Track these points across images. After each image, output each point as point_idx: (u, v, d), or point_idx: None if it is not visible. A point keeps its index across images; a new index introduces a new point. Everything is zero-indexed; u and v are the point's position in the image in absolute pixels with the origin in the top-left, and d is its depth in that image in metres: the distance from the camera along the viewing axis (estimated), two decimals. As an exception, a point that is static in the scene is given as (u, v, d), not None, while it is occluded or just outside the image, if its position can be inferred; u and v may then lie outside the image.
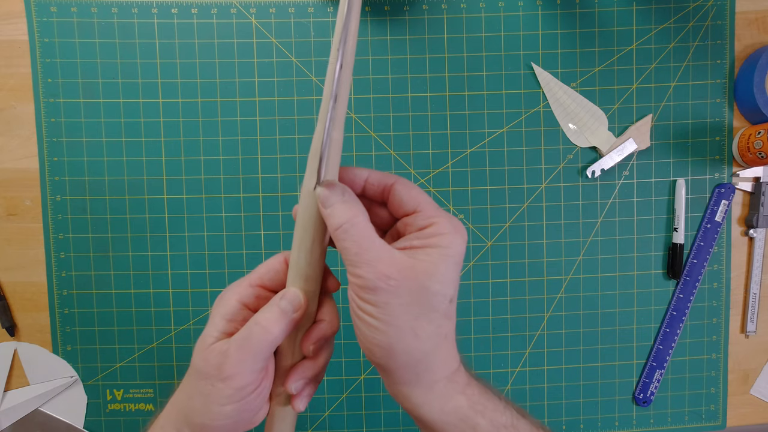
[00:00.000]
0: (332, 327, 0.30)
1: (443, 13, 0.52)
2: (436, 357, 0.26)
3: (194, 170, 0.51)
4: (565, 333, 0.54)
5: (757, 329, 0.55)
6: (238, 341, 0.26)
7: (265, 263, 0.30)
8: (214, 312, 0.28)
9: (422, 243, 0.26)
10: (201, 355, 0.27)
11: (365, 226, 0.25)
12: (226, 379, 0.26)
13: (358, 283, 0.25)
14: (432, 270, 0.25)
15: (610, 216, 0.53)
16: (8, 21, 0.50)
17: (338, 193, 0.26)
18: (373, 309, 0.25)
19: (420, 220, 0.27)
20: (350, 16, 0.25)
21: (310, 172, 0.27)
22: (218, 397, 0.26)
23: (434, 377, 0.26)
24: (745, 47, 0.53)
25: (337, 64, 0.26)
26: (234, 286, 0.29)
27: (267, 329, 0.26)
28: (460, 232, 0.26)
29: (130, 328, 0.52)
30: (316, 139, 0.26)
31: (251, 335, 0.26)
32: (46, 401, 0.53)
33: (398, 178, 0.28)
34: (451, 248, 0.25)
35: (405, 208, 0.27)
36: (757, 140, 0.50)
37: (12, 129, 0.51)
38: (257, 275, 0.29)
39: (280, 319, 0.27)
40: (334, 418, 0.54)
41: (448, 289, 0.25)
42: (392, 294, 0.24)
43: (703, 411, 0.55)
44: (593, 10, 0.52)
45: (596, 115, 0.52)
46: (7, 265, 0.52)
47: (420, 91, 0.52)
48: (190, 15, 0.50)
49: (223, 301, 0.28)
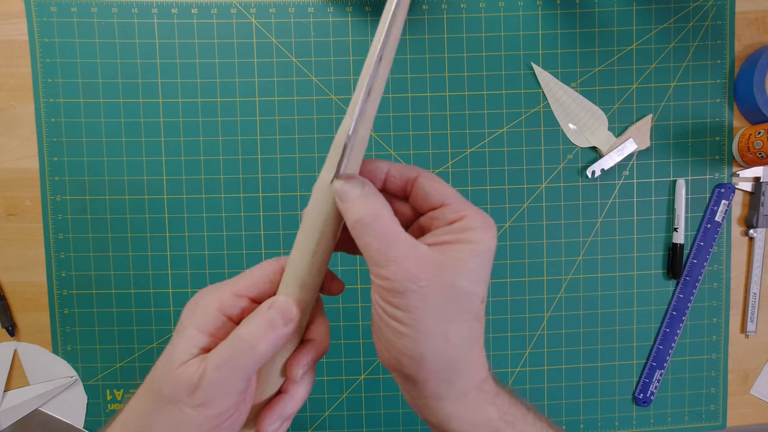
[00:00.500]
0: (325, 345, 0.26)
1: (443, 13, 0.52)
2: (467, 363, 0.24)
3: (194, 170, 0.51)
4: (565, 333, 0.54)
5: (757, 329, 0.55)
6: (217, 360, 0.22)
7: (256, 270, 0.25)
8: (185, 321, 0.24)
9: (453, 238, 0.23)
10: (168, 376, 0.23)
11: (389, 219, 0.23)
12: (200, 406, 0.22)
13: (384, 285, 0.22)
14: (464, 267, 0.22)
15: (610, 216, 0.53)
16: (8, 21, 0.50)
17: (358, 185, 0.23)
18: (401, 314, 0.22)
19: (448, 214, 0.24)
20: (398, 8, 0.23)
21: (328, 166, 0.24)
22: (188, 426, 0.22)
23: (465, 386, 0.24)
24: (745, 47, 0.53)
25: (375, 56, 0.23)
26: (213, 292, 0.24)
27: (252, 345, 0.22)
28: (490, 227, 0.24)
29: (130, 328, 0.52)
30: (341, 133, 0.24)
31: (234, 353, 0.22)
32: (46, 401, 0.53)
33: (421, 170, 0.26)
34: (482, 243, 0.23)
35: (431, 202, 0.25)
36: (757, 140, 0.50)
37: (12, 129, 0.51)
38: (244, 284, 0.25)
39: (269, 333, 0.23)
40: (334, 418, 0.54)
41: (480, 287, 0.23)
42: (423, 296, 0.22)
43: (703, 411, 0.55)
44: (593, 10, 0.52)
45: (596, 115, 0.52)
46: (7, 265, 0.52)
47: (420, 91, 0.52)
48: (190, 15, 0.50)
49: (200, 310, 0.24)
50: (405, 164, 0.26)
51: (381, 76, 0.24)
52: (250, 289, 0.25)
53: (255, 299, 0.25)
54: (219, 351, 0.23)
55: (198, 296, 0.25)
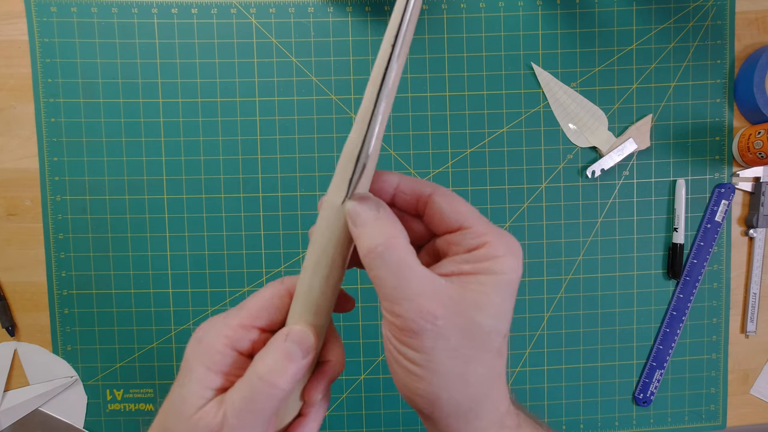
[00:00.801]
0: (340, 368, 0.25)
1: (443, 13, 0.52)
2: (487, 402, 0.22)
3: (194, 170, 0.51)
4: (565, 333, 0.54)
5: (757, 329, 0.55)
6: (237, 404, 0.21)
7: (260, 296, 0.23)
8: (192, 361, 0.22)
9: (473, 268, 0.21)
10: (185, 425, 0.21)
11: (404, 250, 0.21)
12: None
13: (396, 323, 0.20)
14: (485, 302, 0.20)
15: (610, 216, 0.53)
16: (8, 21, 0.50)
17: (372, 208, 0.21)
18: (415, 355, 0.20)
19: (468, 239, 0.22)
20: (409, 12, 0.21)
21: (337, 184, 0.22)
22: None
23: (484, 424, 0.22)
24: (745, 47, 0.53)
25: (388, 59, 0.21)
26: (218, 326, 0.22)
27: (273, 384, 0.21)
28: (515, 254, 0.21)
29: (130, 328, 0.52)
30: (350, 145, 0.22)
31: (254, 394, 0.20)
32: (46, 401, 0.53)
33: (436, 187, 0.23)
34: (506, 274, 0.21)
35: (447, 224, 0.22)
36: (757, 140, 0.50)
37: (12, 129, 0.51)
38: (249, 314, 0.23)
39: (288, 367, 0.21)
40: (334, 418, 0.54)
41: (503, 324, 0.21)
42: (439, 336, 0.20)
43: (703, 411, 0.55)
44: (593, 10, 0.52)
45: (596, 115, 0.52)
46: (7, 265, 0.52)
47: (420, 91, 0.52)
48: (190, 15, 0.50)
49: (205, 347, 0.22)
50: (417, 179, 0.24)
51: (393, 82, 0.21)
52: (256, 318, 0.23)
53: (264, 328, 0.23)
54: (237, 392, 0.21)
55: (201, 332, 0.23)
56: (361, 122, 0.22)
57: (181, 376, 0.22)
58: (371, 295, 0.53)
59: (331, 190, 0.22)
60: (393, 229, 0.21)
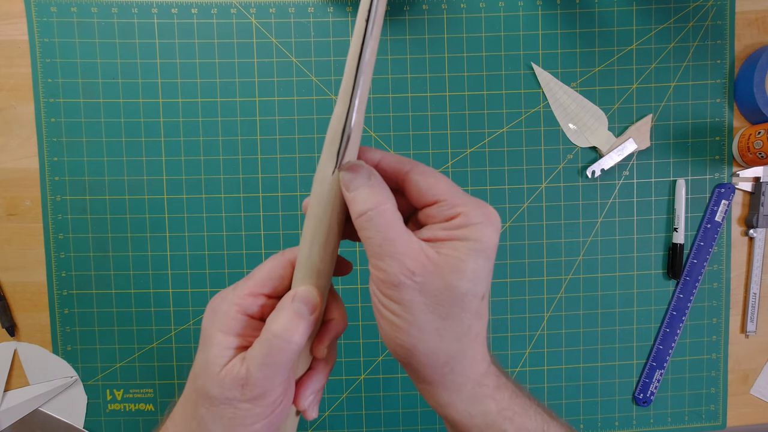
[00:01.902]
0: (343, 323, 0.28)
1: (443, 13, 0.52)
2: (463, 359, 0.24)
3: (194, 170, 0.51)
4: (565, 333, 0.54)
5: (757, 329, 0.55)
6: (259, 359, 0.23)
7: (263, 268, 0.26)
8: (209, 329, 0.25)
9: (448, 235, 0.23)
10: (214, 381, 0.23)
11: (392, 214, 0.23)
12: (254, 399, 0.23)
13: (380, 276, 0.23)
14: (461, 266, 0.22)
15: (610, 216, 0.53)
16: (8, 21, 0.50)
17: (364, 176, 0.23)
18: (395, 306, 0.23)
19: (444, 210, 0.23)
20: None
21: (327, 156, 0.24)
22: (245, 418, 0.24)
23: (460, 380, 0.24)
24: (745, 47, 0.53)
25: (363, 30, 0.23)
26: (229, 296, 0.25)
27: (288, 339, 0.23)
28: (491, 221, 0.23)
29: (130, 328, 0.52)
30: (335, 121, 0.24)
31: (272, 350, 0.23)
32: (46, 401, 0.53)
33: (414, 164, 0.25)
34: (481, 241, 0.23)
35: (425, 198, 0.24)
36: (757, 140, 0.50)
37: (12, 129, 0.51)
38: (256, 283, 0.25)
39: (299, 325, 0.24)
40: (334, 418, 0.54)
41: (479, 286, 0.23)
42: (417, 291, 0.22)
43: (703, 411, 0.55)
44: (593, 10, 0.52)
45: (596, 115, 0.52)
46: (7, 265, 0.52)
47: (420, 91, 0.52)
48: (190, 15, 0.50)
49: (221, 316, 0.25)
50: (398, 156, 0.26)
51: (370, 54, 0.24)
52: (262, 287, 0.25)
53: (270, 295, 0.26)
54: (257, 350, 0.23)
55: (214, 304, 0.25)
56: (343, 97, 0.24)
57: (202, 345, 0.25)
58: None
59: (322, 162, 0.24)
60: (382, 195, 0.23)
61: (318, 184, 0.25)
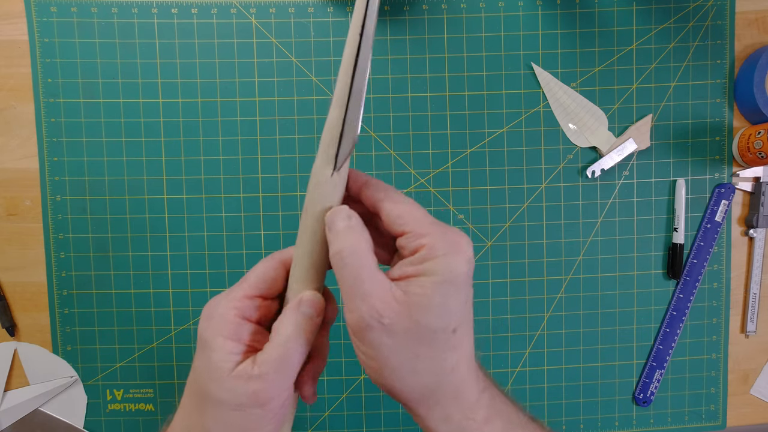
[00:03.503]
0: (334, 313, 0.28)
1: (443, 13, 0.52)
2: (444, 391, 0.24)
3: (194, 170, 0.51)
4: (565, 333, 0.54)
5: (757, 329, 0.55)
6: (275, 364, 0.23)
7: (256, 271, 0.26)
8: (208, 334, 0.24)
9: (415, 270, 0.22)
10: (224, 386, 0.23)
11: (366, 255, 0.23)
12: (264, 404, 0.23)
13: (351, 318, 0.23)
14: (426, 303, 0.22)
15: (610, 216, 0.53)
16: (8, 21, 0.50)
17: (344, 219, 0.24)
18: (367, 349, 0.23)
19: (411, 242, 0.23)
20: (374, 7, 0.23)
21: (325, 159, 0.25)
22: (257, 424, 0.24)
23: (447, 411, 0.24)
24: (745, 47, 0.53)
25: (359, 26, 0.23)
26: (224, 301, 0.25)
27: (299, 342, 0.24)
28: (458, 249, 0.23)
29: (130, 328, 0.52)
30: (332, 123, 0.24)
31: (285, 352, 0.23)
32: (46, 401, 0.53)
33: (387, 191, 0.25)
34: (447, 273, 0.22)
35: (394, 229, 0.24)
36: (757, 140, 0.50)
37: (12, 129, 0.51)
38: (250, 285, 0.26)
39: (308, 329, 0.24)
40: (334, 418, 0.54)
41: (449, 320, 0.22)
42: (384, 334, 0.22)
43: (703, 411, 0.55)
44: (593, 10, 0.52)
45: (596, 115, 0.52)
46: (7, 265, 0.52)
47: (420, 91, 0.52)
48: (190, 15, 0.50)
49: (219, 320, 0.24)
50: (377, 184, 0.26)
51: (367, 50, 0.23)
52: (257, 289, 0.26)
53: (264, 296, 0.26)
54: (270, 354, 0.24)
55: (210, 309, 0.25)
56: (339, 100, 0.24)
57: (201, 352, 0.24)
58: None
59: (319, 165, 0.25)
60: (358, 238, 0.23)
61: (314, 185, 0.25)
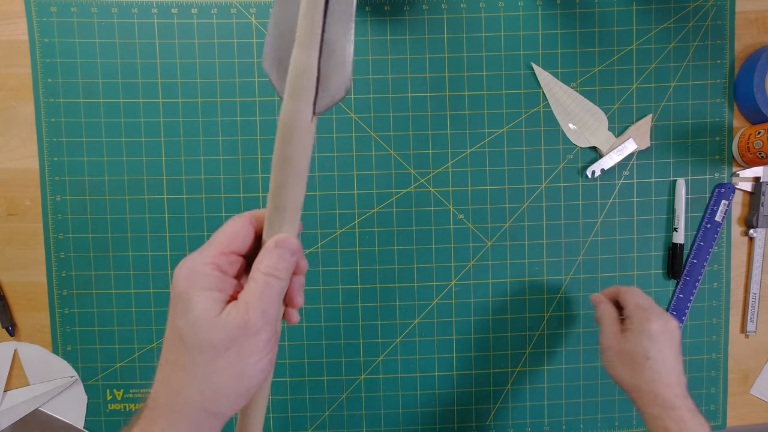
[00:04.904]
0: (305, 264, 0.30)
1: (443, 13, 0.52)
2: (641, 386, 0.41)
3: (194, 170, 0.51)
4: (565, 333, 0.54)
5: (757, 329, 0.55)
6: (257, 294, 0.26)
7: (227, 229, 0.28)
8: (187, 290, 0.25)
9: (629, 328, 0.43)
10: (215, 327, 0.25)
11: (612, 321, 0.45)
12: (257, 334, 0.25)
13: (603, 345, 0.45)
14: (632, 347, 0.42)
15: (610, 216, 0.53)
16: (8, 21, 0.50)
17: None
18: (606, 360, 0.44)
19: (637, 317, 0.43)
20: None
21: (302, 104, 0.26)
22: (252, 355, 0.25)
23: (648, 396, 0.41)
24: (745, 47, 0.53)
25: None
26: (198, 259, 0.26)
27: (278, 277, 0.26)
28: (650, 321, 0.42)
29: (130, 328, 0.52)
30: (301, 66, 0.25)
31: (266, 287, 0.26)
32: (46, 401, 0.53)
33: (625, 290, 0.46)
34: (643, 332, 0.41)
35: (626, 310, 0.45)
36: (757, 140, 0.50)
37: (12, 129, 0.51)
38: (222, 242, 0.27)
39: (284, 265, 0.27)
40: (334, 418, 0.54)
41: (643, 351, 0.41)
42: (614, 355, 0.43)
43: (703, 411, 0.55)
44: (593, 10, 0.52)
45: (596, 115, 0.52)
46: (7, 265, 0.52)
47: (420, 91, 0.52)
48: (190, 15, 0.50)
49: (198, 276, 0.26)
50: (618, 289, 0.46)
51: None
52: (230, 245, 0.27)
53: (237, 253, 0.27)
54: (252, 288, 0.26)
55: (187, 265, 0.26)
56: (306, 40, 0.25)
57: (183, 308, 0.25)
58: (371, 296, 0.53)
59: (292, 110, 0.26)
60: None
61: (290, 130, 0.26)
